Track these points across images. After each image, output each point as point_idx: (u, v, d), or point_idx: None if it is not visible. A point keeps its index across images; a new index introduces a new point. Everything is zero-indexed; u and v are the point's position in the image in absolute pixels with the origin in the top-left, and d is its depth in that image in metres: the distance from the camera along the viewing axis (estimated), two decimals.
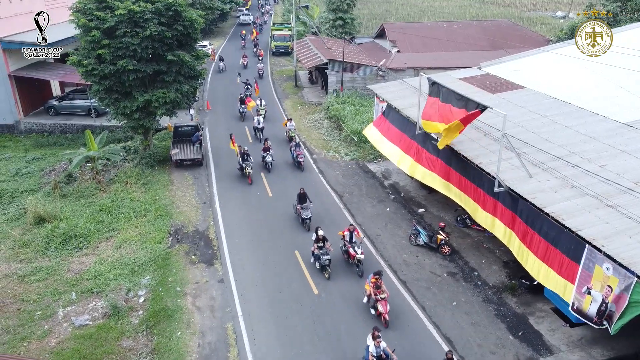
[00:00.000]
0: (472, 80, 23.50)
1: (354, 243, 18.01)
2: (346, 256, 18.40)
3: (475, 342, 14.77)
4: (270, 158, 26.20)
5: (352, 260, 18.10)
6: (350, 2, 50.34)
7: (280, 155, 28.00)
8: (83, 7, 23.70)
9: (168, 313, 16.21)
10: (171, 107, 25.64)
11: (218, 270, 18.53)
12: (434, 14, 71.16)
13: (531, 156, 16.05)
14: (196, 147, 27.73)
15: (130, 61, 23.30)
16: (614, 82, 20.23)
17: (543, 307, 15.99)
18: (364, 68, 37.46)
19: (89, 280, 17.84)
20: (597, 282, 12.20)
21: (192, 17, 24.62)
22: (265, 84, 43.73)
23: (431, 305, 16.37)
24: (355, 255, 17.66)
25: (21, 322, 15.92)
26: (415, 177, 20.58)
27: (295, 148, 26.84)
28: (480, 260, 18.56)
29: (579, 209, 13.44)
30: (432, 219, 21.50)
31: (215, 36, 67.52)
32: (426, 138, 19.48)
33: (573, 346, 14.45)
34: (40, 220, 21.33)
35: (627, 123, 17.55)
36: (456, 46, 41.61)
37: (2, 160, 29.21)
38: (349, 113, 32.77)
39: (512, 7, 78.43)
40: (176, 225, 21.57)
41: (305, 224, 20.72)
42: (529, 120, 18.76)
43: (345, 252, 18.38)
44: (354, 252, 17.69)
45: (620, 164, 15.20)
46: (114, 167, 27.28)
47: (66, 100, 34.76)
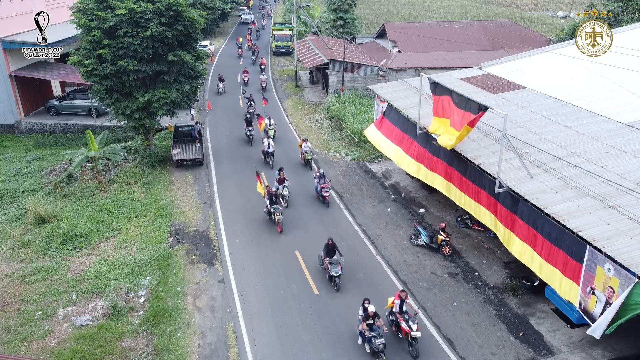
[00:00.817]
0: (472, 81, 23.48)
1: (405, 313, 14.48)
2: (395, 329, 14.81)
3: (475, 343, 14.75)
4: (287, 191, 22.61)
5: (402, 336, 14.55)
6: (351, 2, 50.36)
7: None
8: (84, 7, 23.68)
9: (168, 313, 16.20)
10: (172, 107, 25.62)
11: (218, 270, 18.52)
12: (434, 14, 71.14)
13: (532, 157, 16.03)
14: (197, 147, 27.73)
15: (131, 61, 23.28)
16: (615, 82, 20.20)
17: (544, 308, 15.97)
18: (365, 68, 37.44)
19: (90, 281, 17.84)
20: (599, 283, 12.18)
21: (192, 17, 24.60)
22: (269, 97, 39.18)
23: (432, 306, 16.35)
24: (409, 332, 14.09)
25: (21, 322, 15.92)
26: (418, 178, 20.54)
27: (320, 180, 22.95)
28: (481, 261, 18.54)
29: (580, 210, 13.41)
30: (433, 220, 21.48)
31: (216, 36, 67.54)
32: (427, 138, 19.45)
33: (574, 347, 14.43)
34: (41, 220, 21.32)
35: (628, 123, 17.52)
36: (457, 46, 41.59)
37: (3, 160, 29.22)
38: (349, 113, 32.76)
39: (513, 7, 78.43)
40: (177, 225, 21.56)
41: (335, 283, 16.94)
42: (529, 121, 18.73)
43: (394, 323, 14.80)
44: (407, 327, 14.12)
45: (622, 165, 15.17)
46: (115, 167, 27.29)
47: (67, 100, 34.76)
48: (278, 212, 20.68)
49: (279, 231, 20.47)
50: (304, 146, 26.84)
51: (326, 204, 22.91)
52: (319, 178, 23.02)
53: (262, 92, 40.67)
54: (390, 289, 17.16)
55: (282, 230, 20.53)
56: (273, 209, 20.77)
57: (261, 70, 47.12)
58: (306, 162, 26.88)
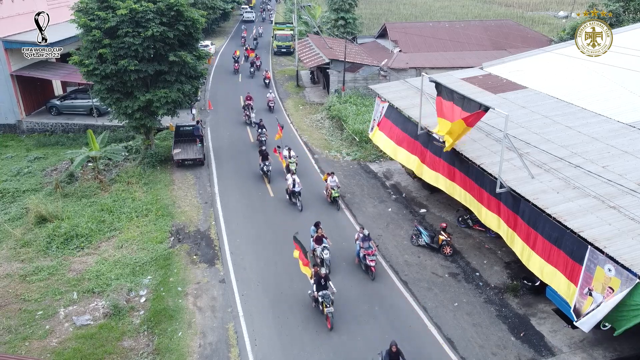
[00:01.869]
0: (474, 81, 23.45)
1: None
2: None
3: (476, 343, 14.74)
4: (328, 254, 17.50)
5: None
6: (352, 1, 50.37)
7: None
8: (84, 7, 23.68)
9: (169, 313, 16.21)
10: (173, 107, 25.63)
11: (219, 270, 18.52)
12: (435, 14, 71.08)
13: (533, 157, 16.01)
14: (198, 147, 27.73)
15: (132, 61, 23.29)
16: (617, 82, 20.16)
17: (545, 308, 15.95)
18: (366, 68, 37.42)
19: (90, 280, 17.85)
20: (597, 284, 12.15)
21: (194, 17, 24.60)
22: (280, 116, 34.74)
23: (432, 306, 16.33)
24: None
25: (22, 321, 15.93)
26: (423, 178, 20.48)
27: (363, 242, 17.49)
28: (481, 261, 18.52)
29: (581, 210, 13.39)
30: (434, 220, 21.47)
31: (217, 36, 67.56)
32: (428, 138, 19.44)
33: (575, 347, 14.41)
34: (42, 220, 21.34)
35: (629, 124, 17.48)
36: (458, 46, 41.56)
37: (4, 160, 29.26)
38: (350, 113, 32.75)
39: (514, 7, 78.32)
40: (177, 225, 21.57)
41: None
42: (531, 121, 18.71)
43: None
44: None
45: (623, 165, 15.14)
46: (116, 166, 27.32)
47: (68, 99, 34.79)
48: (328, 302, 15.12)
49: (329, 328, 15.17)
50: (330, 180, 22.24)
51: (371, 275, 17.47)
52: (362, 240, 17.53)
53: (268, 112, 34.36)
54: (391, 289, 17.17)
55: (333, 326, 15.18)
56: (321, 297, 15.23)
57: (265, 85, 41.70)
58: (333, 200, 22.27)
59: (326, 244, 17.79)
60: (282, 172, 23.09)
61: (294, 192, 22.22)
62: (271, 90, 39.12)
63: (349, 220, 21.64)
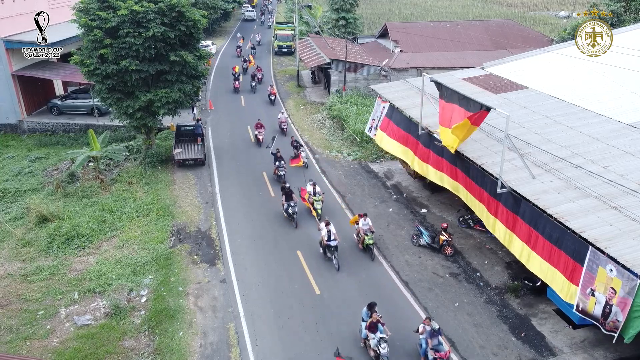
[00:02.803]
0: (475, 81, 23.44)
1: None
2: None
3: (477, 344, 14.73)
4: (386, 348, 13.37)
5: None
6: (352, 1, 50.33)
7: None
8: (85, 7, 23.71)
9: (170, 313, 16.21)
10: (174, 106, 25.66)
11: (220, 270, 18.53)
12: (436, 14, 71.06)
13: (534, 157, 16.00)
14: (199, 147, 27.75)
15: (133, 61, 23.31)
16: (618, 83, 20.14)
17: (546, 309, 15.94)
18: (367, 68, 37.42)
19: (91, 280, 17.86)
20: (600, 284, 12.14)
21: (195, 17, 24.61)
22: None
23: (433, 306, 16.33)
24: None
25: (23, 321, 15.94)
26: (429, 178, 20.44)
27: (431, 338, 13.41)
28: (482, 261, 18.51)
29: (582, 211, 13.38)
30: (435, 220, 21.46)
31: (218, 35, 67.57)
32: (430, 138, 19.43)
33: (576, 348, 14.40)
34: (43, 220, 21.36)
35: (630, 124, 17.47)
36: (459, 46, 41.55)
37: (5, 160, 29.29)
38: (351, 113, 32.74)
39: (515, 7, 78.30)
40: (178, 225, 21.58)
41: None
42: (532, 121, 18.70)
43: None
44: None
45: (624, 165, 15.13)
46: (117, 166, 27.34)
47: (69, 99, 34.81)
48: None
49: None
50: (362, 224, 18.75)
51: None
52: (430, 336, 13.41)
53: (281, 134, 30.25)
54: (392, 290, 17.15)
55: None
56: None
57: (271, 101, 37.11)
58: (366, 247, 18.77)
59: (384, 334, 13.61)
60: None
61: (329, 247, 18.00)
62: (283, 110, 33.87)
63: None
